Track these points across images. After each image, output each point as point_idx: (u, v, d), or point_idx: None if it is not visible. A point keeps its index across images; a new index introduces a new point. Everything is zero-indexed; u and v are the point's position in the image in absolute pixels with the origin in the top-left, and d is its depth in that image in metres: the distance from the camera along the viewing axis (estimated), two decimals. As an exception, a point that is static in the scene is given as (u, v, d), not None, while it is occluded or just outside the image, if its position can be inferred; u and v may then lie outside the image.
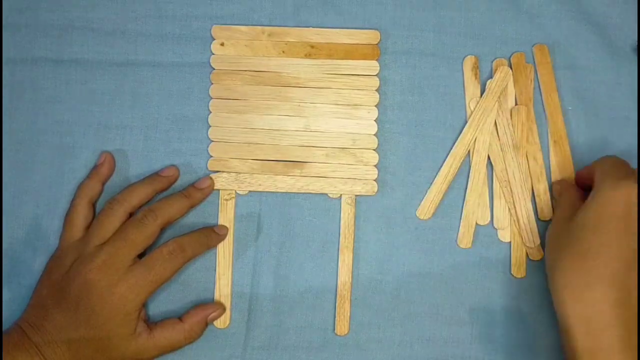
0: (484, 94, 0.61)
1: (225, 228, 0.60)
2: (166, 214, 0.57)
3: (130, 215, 0.58)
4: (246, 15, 0.62)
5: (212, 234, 0.59)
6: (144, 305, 0.57)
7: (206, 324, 0.58)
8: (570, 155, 0.61)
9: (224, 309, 0.59)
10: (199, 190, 0.60)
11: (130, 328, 0.55)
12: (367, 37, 0.61)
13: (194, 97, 0.62)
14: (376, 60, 0.61)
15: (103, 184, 0.60)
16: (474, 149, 0.61)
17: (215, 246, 0.60)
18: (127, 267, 0.55)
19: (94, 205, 0.59)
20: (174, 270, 0.56)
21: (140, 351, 0.55)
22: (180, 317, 0.58)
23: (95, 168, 0.60)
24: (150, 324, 0.57)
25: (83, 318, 0.54)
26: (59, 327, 0.54)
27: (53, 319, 0.54)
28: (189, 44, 0.62)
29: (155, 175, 0.60)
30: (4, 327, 0.58)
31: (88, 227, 0.58)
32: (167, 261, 0.56)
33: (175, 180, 0.61)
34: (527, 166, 0.61)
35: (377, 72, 0.61)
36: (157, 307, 0.60)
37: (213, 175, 0.61)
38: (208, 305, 0.59)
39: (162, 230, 0.58)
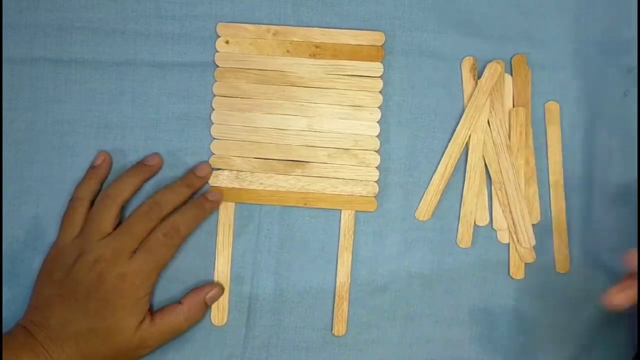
0: (475, 91, 0.61)
1: (219, 192, 0.61)
2: (170, 206, 0.58)
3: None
4: (246, 14, 0.62)
5: (205, 204, 0.60)
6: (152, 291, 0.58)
7: (205, 305, 0.59)
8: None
9: (221, 289, 0.60)
10: (200, 178, 0.60)
11: (140, 314, 0.56)
12: (372, 38, 0.61)
13: (194, 97, 0.62)
14: (380, 61, 0.61)
15: (102, 184, 0.60)
16: (469, 147, 0.61)
17: (211, 214, 0.60)
18: (130, 256, 0.56)
19: (92, 205, 0.59)
20: (173, 251, 0.58)
21: (144, 339, 0.55)
22: (179, 301, 0.58)
23: (93, 168, 0.60)
24: (151, 311, 0.58)
25: (93, 310, 0.54)
26: (65, 323, 0.54)
27: (59, 315, 0.54)
28: (188, 43, 0.62)
29: (141, 165, 0.60)
30: (4, 327, 0.57)
31: None
32: (165, 243, 0.57)
33: (160, 168, 0.61)
34: (522, 168, 0.61)
35: (380, 73, 0.61)
36: (157, 306, 0.60)
37: (215, 173, 0.61)
38: (205, 285, 0.59)
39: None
